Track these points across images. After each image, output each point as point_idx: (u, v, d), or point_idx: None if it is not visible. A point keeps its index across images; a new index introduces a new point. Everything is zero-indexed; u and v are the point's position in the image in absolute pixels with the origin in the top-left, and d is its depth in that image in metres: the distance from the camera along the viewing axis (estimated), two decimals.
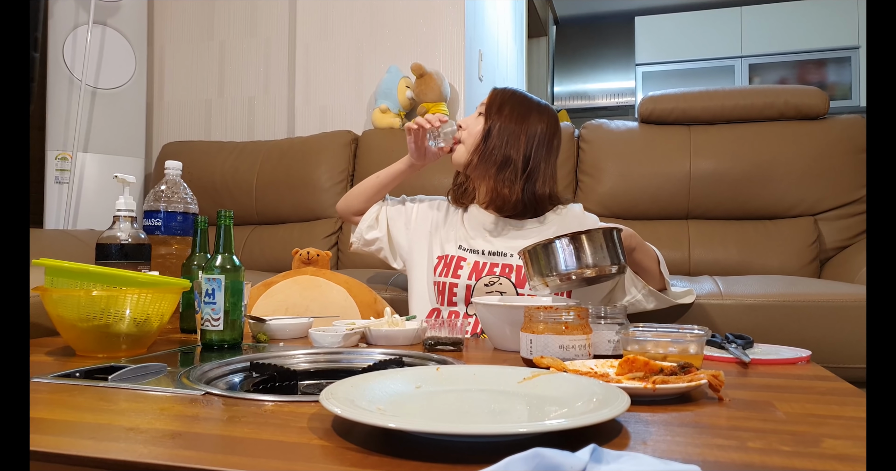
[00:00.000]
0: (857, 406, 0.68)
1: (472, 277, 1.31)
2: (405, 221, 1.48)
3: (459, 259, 1.35)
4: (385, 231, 1.49)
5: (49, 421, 0.61)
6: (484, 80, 2.84)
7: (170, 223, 1.30)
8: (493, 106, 1.38)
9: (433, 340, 1.01)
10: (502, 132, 1.34)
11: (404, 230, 1.47)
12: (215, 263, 1.02)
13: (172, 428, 0.59)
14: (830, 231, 1.93)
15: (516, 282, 1.29)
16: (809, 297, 1.42)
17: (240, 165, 2.40)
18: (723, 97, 2.06)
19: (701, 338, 0.84)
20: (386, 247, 1.49)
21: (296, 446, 0.54)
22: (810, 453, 0.52)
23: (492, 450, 0.51)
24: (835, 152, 1.95)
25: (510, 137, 1.34)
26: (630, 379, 0.71)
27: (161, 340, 1.13)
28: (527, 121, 1.36)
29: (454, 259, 1.35)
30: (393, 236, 1.48)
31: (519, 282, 1.29)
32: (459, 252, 1.36)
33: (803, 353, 0.95)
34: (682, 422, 0.61)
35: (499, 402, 0.65)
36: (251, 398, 0.70)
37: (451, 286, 1.32)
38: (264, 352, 0.98)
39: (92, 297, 0.94)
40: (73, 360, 0.93)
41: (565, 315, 0.87)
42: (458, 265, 1.34)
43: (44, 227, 2.39)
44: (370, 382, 0.67)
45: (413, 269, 1.44)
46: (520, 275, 1.29)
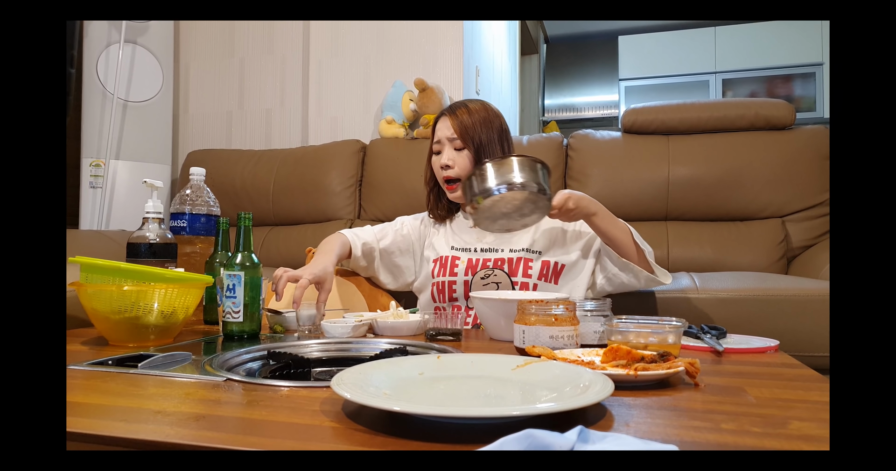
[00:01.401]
0: (822, 391, 0.68)
1: (468, 273, 1.30)
2: (399, 248, 1.42)
3: (454, 259, 1.33)
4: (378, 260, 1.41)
5: (84, 405, 0.61)
6: (481, 94, 2.84)
7: (194, 224, 1.30)
8: (463, 133, 1.29)
9: (434, 331, 1.01)
10: (484, 150, 1.30)
11: (399, 255, 1.42)
12: (236, 261, 1.03)
13: (197, 411, 0.59)
14: (797, 232, 1.93)
15: (509, 272, 1.28)
16: (777, 291, 1.42)
17: (258, 172, 2.40)
18: (698, 109, 2.06)
19: (678, 329, 0.84)
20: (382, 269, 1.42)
21: (309, 428, 0.54)
22: (778, 434, 0.52)
23: (488, 431, 0.51)
24: (801, 160, 1.95)
25: (491, 150, 1.30)
26: (614, 366, 0.71)
27: (186, 331, 1.13)
28: (491, 125, 1.32)
29: (448, 259, 1.33)
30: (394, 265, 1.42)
31: (512, 271, 1.28)
32: (453, 252, 1.35)
33: (772, 342, 0.95)
34: (662, 406, 0.61)
35: (494, 387, 0.65)
36: (268, 384, 0.70)
37: (449, 284, 1.31)
38: (280, 342, 0.98)
39: (123, 291, 0.94)
40: (105, 349, 0.93)
41: (555, 308, 0.87)
42: (453, 264, 1.32)
43: (79, 228, 2.39)
44: (377, 369, 0.67)
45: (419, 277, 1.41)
46: (512, 266, 1.28)
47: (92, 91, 2.39)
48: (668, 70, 4.80)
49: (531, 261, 1.28)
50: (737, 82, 4.63)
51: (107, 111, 2.38)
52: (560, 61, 5.44)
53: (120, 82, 2.41)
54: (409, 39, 2.58)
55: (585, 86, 5.34)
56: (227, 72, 2.80)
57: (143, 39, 2.49)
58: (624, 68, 4.92)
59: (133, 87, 2.46)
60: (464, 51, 2.54)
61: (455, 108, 1.33)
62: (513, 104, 3.80)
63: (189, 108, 2.85)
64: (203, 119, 2.83)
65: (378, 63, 2.61)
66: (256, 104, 2.76)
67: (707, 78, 4.70)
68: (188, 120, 2.85)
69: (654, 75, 4.84)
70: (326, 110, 2.69)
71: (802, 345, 1.35)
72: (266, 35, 2.75)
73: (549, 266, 1.29)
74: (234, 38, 2.79)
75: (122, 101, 2.42)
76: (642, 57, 4.87)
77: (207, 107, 2.82)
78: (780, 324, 1.38)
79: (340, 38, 2.67)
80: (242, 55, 2.78)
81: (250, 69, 2.77)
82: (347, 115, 2.65)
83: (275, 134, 2.73)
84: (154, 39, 2.52)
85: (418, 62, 2.56)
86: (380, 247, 1.39)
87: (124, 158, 2.42)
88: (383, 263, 1.41)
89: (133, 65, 2.46)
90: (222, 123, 2.80)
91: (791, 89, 4.49)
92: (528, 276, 1.27)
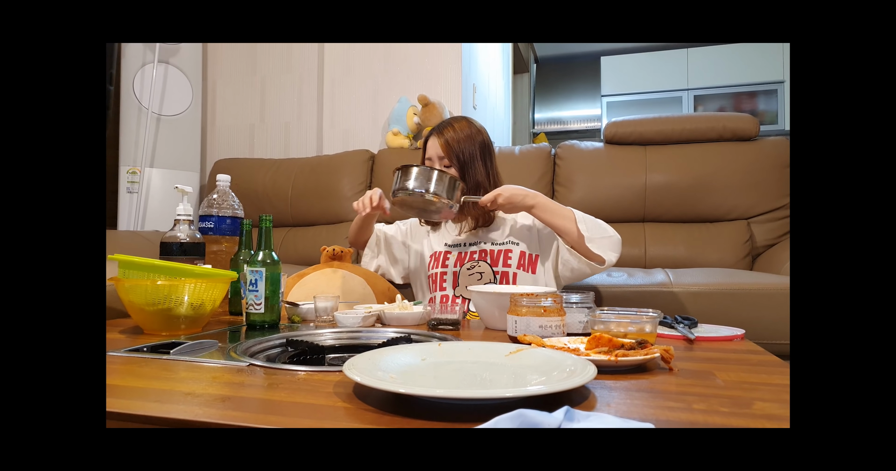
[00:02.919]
0: (783, 375, 0.68)
1: (457, 264, 1.33)
2: (402, 240, 1.48)
3: (446, 253, 1.37)
4: (386, 257, 1.47)
5: (122, 387, 0.61)
6: (477, 109, 2.84)
7: (220, 225, 1.30)
8: (449, 151, 1.29)
9: (436, 321, 1.01)
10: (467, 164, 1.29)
11: (401, 247, 1.47)
12: (258, 258, 1.03)
13: (222, 393, 0.59)
14: (760, 232, 1.93)
15: (491, 262, 1.30)
16: (743, 286, 1.42)
17: (277, 178, 2.40)
18: (672, 122, 2.06)
19: (655, 319, 0.84)
20: (386, 266, 1.48)
21: (323, 408, 0.54)
22: (744, 414, 0.52)
23: (484, 411, 0.51)
24: (764, 168, 1.95)
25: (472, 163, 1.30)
26: (597, 353, 0.71)
27: (213, 321, 1.13)
28: (474, 140, 1.31)
29: (441, 254, 1.37)
30: (396, 257, 1.48)
31: (493, 262, 1.30)
32: (445, 248, 1.38)
33: (738, 331, 0.95)
34: (639, 388, 0.62)
35: (489, 371, 0.65)
36: (287, 369, 0.70)
37: (441, 274, 1.34)
38: (297, 331, 0.98)
39: (157, 286, 0.94)
40: (141, 337, 0.93)
41: (544, 301, 0.87)
42: (445, 258, 1.36)
43: (118, 228, 2.38)
44: (384, 355, 0.67)
45: (413, 271, 1.46)
46: (493, 257, 1.31)
47: (129, 106, 2.39)
48: (646, 87, 4.79)
49: (510, 252, 1.31)
50: (707, 98, 4.62)
51: (142, 124, 2.38)
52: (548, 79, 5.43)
53: (154, 98, 2.40)
54: (413, 59, 2.58)
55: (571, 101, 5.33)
56: (249, 88, 2.80)
57: (174, 59, 2.48)
58: (606, 85, 4.92)
59: (165, 102, 2.46)
60: (462, 70, 2.54)
61: (442, 127, 1.33)
62: (506, 118, 3.80)
63: (216, 121, 2.84)
64: (228, 131, 2.83)
65: (385, 81, 2.61)
66: (276, 118, 2.76)
67: (680, 94, 4.69)
68: (215, 132, 2.84)
69: (633, 92, 4.84)
70: (339, 123, 2.68)
71: (765, 334, 1.35)
72: (285, 56, 2.74)
73: (526, 256, 1.31)
74: (256, 58, 2.79)
75: (155, 115, 2.42)
76: (622, 75, 4.86)
77: (232, 120, 2.82)
78: (745, 315, 1.38)
79: (351, 58, 2.67)
80: (263, 74, 2.78)
81: (270, 86, 2.77)
82: (358, 127, 2.65)
83: (292, 144, 2.72)
84: (184, 59, 2.52)
85: (421, 80, 2.56)
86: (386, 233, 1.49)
87: (158, 166, 2.42)
88: (387, 249, 1.48)
89: (165, 82, 2.46)
90: (245, 135, 2.80)
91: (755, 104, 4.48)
92: (508, 265, 1.30)
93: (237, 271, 1.12)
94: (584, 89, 5.29)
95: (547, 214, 1.21)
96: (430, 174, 1.21)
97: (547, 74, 5.46)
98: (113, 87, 2.54)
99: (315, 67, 2.70)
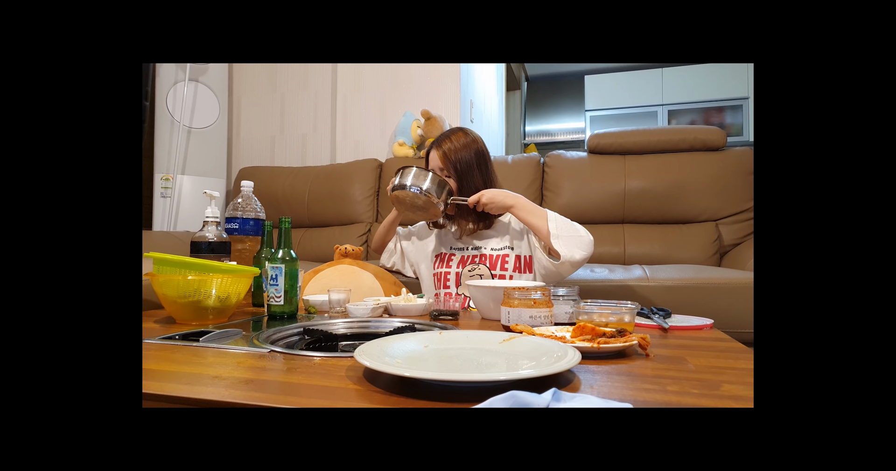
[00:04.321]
0: (747, 361, 0.68)
1: (459, 266, 1.33)
2: (413, 241, 1.49)
3: (450, 255, 1.36)
4: (400, 254, 1.51)
5: (156, 371, 0.61)
6: (474, 122, 2.84)
7: (244, 227, 1.30)
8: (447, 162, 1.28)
9: (437, 312, 1.01)
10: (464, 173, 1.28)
11: (413, 248, 1.48)
12: (278, 256, 1.03)
13: (246, 376, 0.59)
14: (728, 232, 1.93)
15: (490, 266, 1.30)
16: (712, 280, 1.42)
17: (295, 184, 2.40)
18: (649, 134, 2.06)
19: (633, 310, 0.84)
20: (399, 263, 1.51)
21: (336, 390, 0.54)
22: (713, 395, 0.52)
23: (480, 392, 0.51)
24: (731, 175, 1.95)
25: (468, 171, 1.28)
26: (581, 340, 0.71)
27: (238, 312, 1.13)
28: (470, 148, 1.29)
29: (446, 256, 1.37)
30: (406, 255, 1.50)
31: (492, 265, 1.30)
32: (450, 251, 1.37)
33: (708, 321, 0.95)
34: (619, 372, 0.62)
35: (485, 357, 0.65)
36: (304, 355, 0.70)
37: (444, 274, 1.34)
38: (313, 320, 0.98)
39: (188, 280, 0.94)
40: (173, 326, 0.94)
41: (533, 294, 0.87)
42: (449, 259, 1.35)
43: (152, 229, 2.39)
44: (391, 342, 0.67)
45: (421, 270, 1.45)
46: (492, 261, 1.30)
47: (162, 119, 2.39)
48: (625, 103, 4.79)
49: (507, 257, 1.30)
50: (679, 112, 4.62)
51: (174, 135, 2.38)
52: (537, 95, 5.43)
53: (185, 112, 2.40)
54: (417, 78, 2.58)
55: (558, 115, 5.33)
56: (270, 104, 2.80)
57: (203, 78, 2.48)
58: (589, 101, 4.91)
59: (195, 116, 2.46)
60: (461, 87, 2.54)
61: (440, 140, 1.31)
62: (500, 130, 3.80)
63: (240, 133, 2.84)
64: (251, 142, 2.83)
65: (391, 97, 2.61)
66: (294, 130, 2.76)
67: (656, 109, 4.69)
68: (239, 142, 2.84)
69: (614, 107, 4.83)
70: (350, 135, 2.68)
71: (732, 323, 1.35)
72: (302, 74, 2.74)
73: (521, 260, 1.30)
74: (276, 76, 2.79)
75: (186, 128, 2.42)
76: (604, 92, 4.86)
77: (255, 132, 2.82)
78: (714, 306, 1.38)
79: (361, 77, 2.67)
80: (283, 91, 2.78)
81: (289, 102, 2.77)
82: (367, 139, 2.65)
83: (309, 154, 2.72)
84: (212, 78, 2.52)
85: (424, 96, 2.56)
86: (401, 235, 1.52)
87: (188, 173, 2.42)
88: (401, 249, 1.50)
89: (195, 98, 2.46)
90: (267, 145, 2.80)
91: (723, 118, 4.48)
92: (505, 269, 1.29)
93: (259, 268, 1.12)
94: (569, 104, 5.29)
95: (524, 212, 1.21)
96: (424, 175, 1.26)
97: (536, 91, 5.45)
98: (148, 102, 2.54)
99: (329, 85, 2.70)
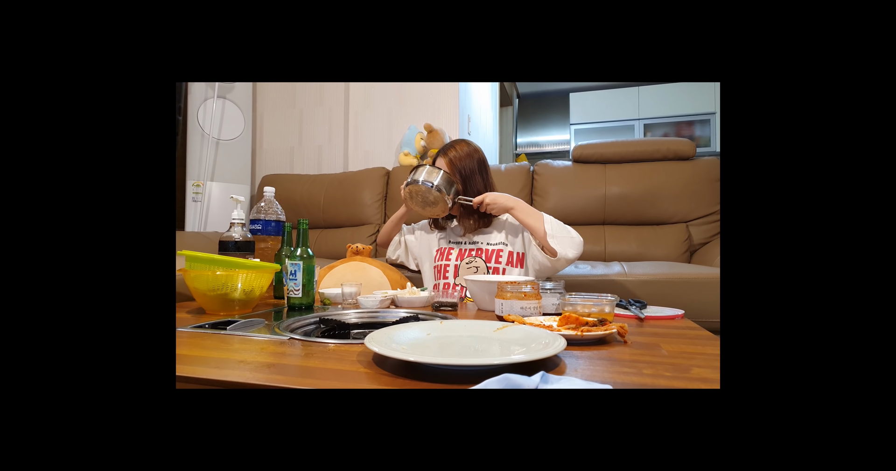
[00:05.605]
0: (714, 347, 0.68)
1: (458, 259, 1.33)
2: (416, 237, 1.49)
3: (449, 249, 1.36)
4: (404, 248, 1.50)
5: (188, 356, 0.61)
6: (471, 134, 2.84)
7: (266, 227, 1.30)
8: (452, 168, 1.28)
9: (438, 304, 1.01)
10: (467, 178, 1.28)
11: (416, 242, 1.48)
12: (296, 254, 1.03)
13: (268, 361, 0.59)
14: (697, 233, 1.93)
15: (485, 259, 1.30)
16: (683, 275, 1.42)
17: (312, 190, 2.40)
18: (626, 145, 2.07)
19: (612, 302, 0.84)
20: (403, 256, 1.51)
21: (348, 373, 0.54)
22: (684, 377, 0.53)
23: (476, 375, 0.51)
24: (700, 181, 1.95)
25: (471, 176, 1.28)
26: (566, 329, 0.71)
27: (261, 304, 1.13)
28: (472, 157, 1.29)
29: (446, 250, 1.36)
30: (410, 249, 1.49)
31: (487, 259, 1.29)
32: (449, 245, 1.37)
33: (679, 312, 0.95)
34: (600, 357, 0.62)
35: (481, 343, 0.65)
36: (319, 341, 0.70)
37: (444, 267, 1.34)
38: (328, 311, 0.98)
39: (216, 275, 0.94)
40: (203, 316, 0.94)
41: (524, 287, 0.87)
42: (448, 253, 1.35)
43: (185, 230, 2.38)
44: (397, 330, 0.67)
45: (423, 263, 1.45)
46: (488, 254, 1.30)
47: (194, 132, 2.39)
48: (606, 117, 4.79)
49: (501, 251, 1.30)
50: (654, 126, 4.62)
51: (204, 146, 2.38)
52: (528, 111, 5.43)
53: (213, 125, 2.40)
54: (420, 95, 2.58)
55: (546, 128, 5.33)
56: (290, 118, 2.80)
57: (230, 95, 2.49)
58: (574, 116, 4.91)
59: (223, 128, 2.46)
60: (459, 104, 2.54)
61: (446, 149, 1.32)
62: (494, 141, 3.80)
63: (263, 144, 2.84)
64: (273, 152, 2.83)
65: (398, 112, 2.61)
66: (311, 141, 2.76)
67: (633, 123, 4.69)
68: (262, 153, 2.84)
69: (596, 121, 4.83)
70: (361, 146, 2.68)
71: (701, 313, 1.35)
72: (318, 92, 2.75)
73: (514, 255, 1.30)
74: (295, 94, 2.79)
75: (215, 139, 2.42)
76: (587, 108, 4.86)
77: (276, 143, 2.82)
78: (684, 299, 1.38)
79: (371, 94, 2.67)
80: (301, 106, 2.78)
81: (306, 116, 2.77)
82: (376, 149, 2.65)
83: (324, 163, 2.72)
84: (238, 95, 2.52)
85: (426, 112, 2.57)
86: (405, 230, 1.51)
87: (217, 180, 2.42)
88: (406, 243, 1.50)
89: (223, 113, 2.46)
90: (286, 155, 2.80)
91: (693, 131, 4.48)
92: (499, 263, 1.29)
93: (280, 264, 1.12)
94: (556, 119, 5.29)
95: (522, 214, 1.21)
96: (436, 172, 1.25)
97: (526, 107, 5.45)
98: (181, 117, 2.54)
99: (342, 101, 2.70)
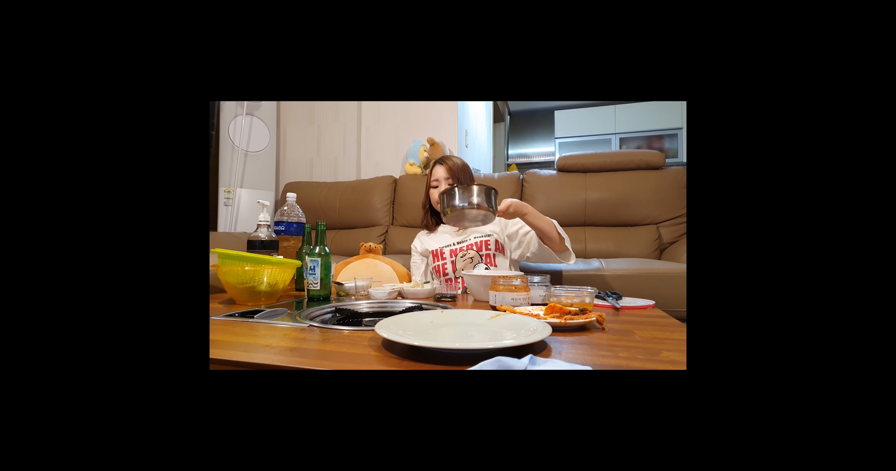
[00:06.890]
0: (682, 333, 0.68)
1: (452, 255, 1.32)
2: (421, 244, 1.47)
3: (441, 250, 1.36)
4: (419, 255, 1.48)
5: (220, 341, 0.61)
6: (469, 147, 2.84)
7: (289, 228, 1.30)
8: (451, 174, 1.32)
9: (440, 295, 1.01)
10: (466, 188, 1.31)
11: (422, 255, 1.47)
12: (315, 251, 1.03)
13: (291, 345, 0.59)
14: (666, 233, 1.93)
15: (477, 248, 1.30)
16: (654, 270, 1.42)
17: (329, 195, 2.40)
18: (604, 157, 2.07)
19: (592, 294, 0.84)
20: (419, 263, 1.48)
21: (360, 356, 0.54)
22: (655, 360, 0.53)
23: (473, 357, 0.51)
24: (668, 188, 1.95)
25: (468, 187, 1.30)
26: (552, 317, 0.72)
27: (284, 295, 1.13)
28: (465, 171, 1.33)
29: (439, 251, 1.35)
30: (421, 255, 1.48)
31: (478, 248, 1.30)
32: (441, 247, 1.36)
33: (650, 302, 0.95)
34: (581, 342, 0.62)
35: (477, 330, 0.65)
36: (335, 328, 0.70)
37: (442, 266, 1.33)
38: (343, 302, 0.98)
39: (245, 270, 0.94)
40: (233, 306, 0.94)
41: (515, 281, 0.87)
42: (442, 253, 1.35)
43: (217, 231, 2.38)
44: (404, 318, 0.68)
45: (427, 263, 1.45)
46: (477, 245, 1.30)
47: (225, 144, 2.39)
48: (586, 131, 4.80)
49: (489, 241, 1.30)
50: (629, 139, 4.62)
51: (234, 157, 2.38)
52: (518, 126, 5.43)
53: (242, 139, 2.41)
54: (424, 112, 2.58)
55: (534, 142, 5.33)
56: (309, 132, 2.80)
57: (257, 112, 2.49)
58: (558, 130, 4.92)
59: (251, 141, 2.46)
60: (458, 120, 2.54)
61: (444, 159, 1.35)
62: (488, 153, 3.80)
63: (286, 155, 2.84)
64: (294, 163, 2.83)
65: (404, 127, 2.62)
66: (328, 153, 2.76)
67: (610, 137, 4.69)
68: (286, 163, 2.84)
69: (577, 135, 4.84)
70: (371, 157, 2.68)
71: (669, 304, 1.35)
72: (334, 109, 2.75)
73: (498, 244, 1.31)
74: (314, 111, 2.79)
75: (243, 151, 2.42)
76: (570, 123, 4.87)
77: (297, 155, 2.82)
78: (655, 290, 1.38)
79: (381, 111, 2.67)
80: (319, 122, 2.78)
81: (324, 131, 2.77)
82: (385, 160, 2.65)
83: (339, 172, 2.72)
84: (264, 112, 2.52)
85: (429, 127, 2.57)
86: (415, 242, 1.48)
87: (245, 187, 2.42)
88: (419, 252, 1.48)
89: (251, 128, 2.46)
90: (306, 165, 2.80)
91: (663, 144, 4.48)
92: (489, 249, 1.30)
93: (301, 260, 1.12)
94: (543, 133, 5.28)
95: (536, 219, 1.19)
96: (469, 190, 1.02)
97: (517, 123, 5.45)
98: (214, 131, 2.54)
99: (355, 118, 2.70)
